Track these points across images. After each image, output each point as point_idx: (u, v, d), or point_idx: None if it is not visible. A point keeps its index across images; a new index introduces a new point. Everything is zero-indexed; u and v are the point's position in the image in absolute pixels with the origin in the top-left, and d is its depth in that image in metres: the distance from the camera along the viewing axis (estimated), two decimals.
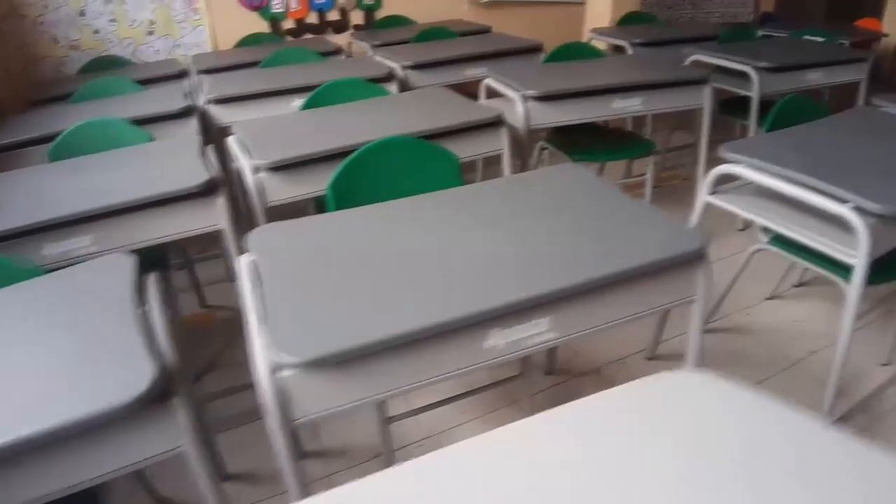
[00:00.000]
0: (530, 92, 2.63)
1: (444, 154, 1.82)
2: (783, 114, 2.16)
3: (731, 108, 3.42)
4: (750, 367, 2.31)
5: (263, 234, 1.40)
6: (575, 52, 3.31)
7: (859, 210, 1.59)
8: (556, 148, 3.02)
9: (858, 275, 1.62)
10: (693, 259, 1.27)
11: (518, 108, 2.63)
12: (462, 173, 1.81)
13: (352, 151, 1.78)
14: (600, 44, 4.04)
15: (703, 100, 2.88)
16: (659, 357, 2.37)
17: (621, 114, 2.82)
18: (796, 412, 0.76)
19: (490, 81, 2.93)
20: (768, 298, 2.71)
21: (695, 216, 2.05)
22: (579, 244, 1.30)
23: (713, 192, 2.00)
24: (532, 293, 1.13)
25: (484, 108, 2.51)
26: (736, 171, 1.87)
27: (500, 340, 1.14)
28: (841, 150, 1.89)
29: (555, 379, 2.30)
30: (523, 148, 2.65)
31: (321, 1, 4.59)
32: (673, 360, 2.35)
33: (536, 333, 1.17)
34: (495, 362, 1.15)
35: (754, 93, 3.05)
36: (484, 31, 4.36)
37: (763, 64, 3.05)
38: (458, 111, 2.36)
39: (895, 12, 6.26)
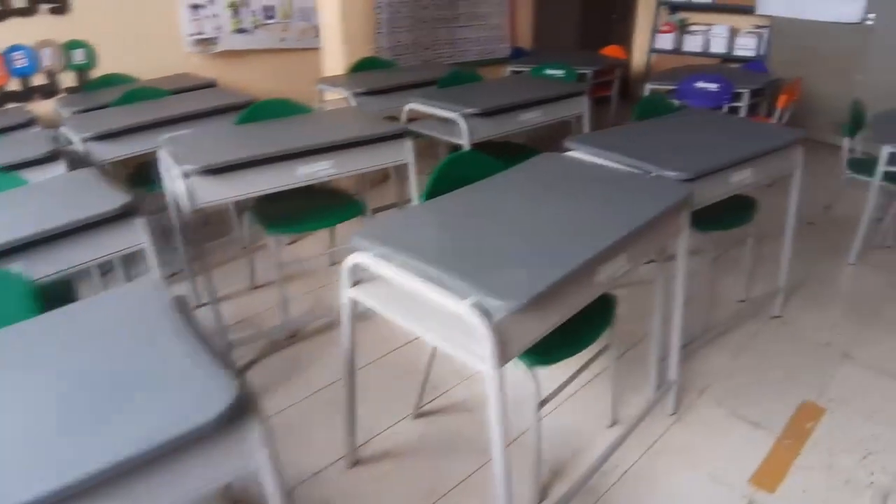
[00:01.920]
0: (191, 167, 2.19)
1: None
2: (443, 177, 1.88)
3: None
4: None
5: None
6: (274, 109, 2.91)
7: (480, 307, 1.29)
8: (256, 219, 2.60)
9: (490, 384, 1.32)
10: None
11: (178, 185, 2.18)
12: None
13: None
14: (332, 94, 3.71)
15: (405, 154, 2.59)
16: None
17: (311, 179, 2.45)
18: None
19: (162, 153, 2.46)
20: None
21: (343, 322, 1.71)
22: None
23: (356, 284, 1.65)
24: None
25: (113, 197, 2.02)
26: (364, 261, 1.53)
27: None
28: (489, 224, 1.62)
29: None
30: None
31: (22, 66, 3.87)
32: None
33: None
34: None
35: (464, 140, 2.83)
36: (207, 85, 3.88)
37: (470, 109, 2.85)
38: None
39: (640, 39, 6.66)
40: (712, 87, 4.10)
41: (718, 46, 5.91)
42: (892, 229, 3.44)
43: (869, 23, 4.89)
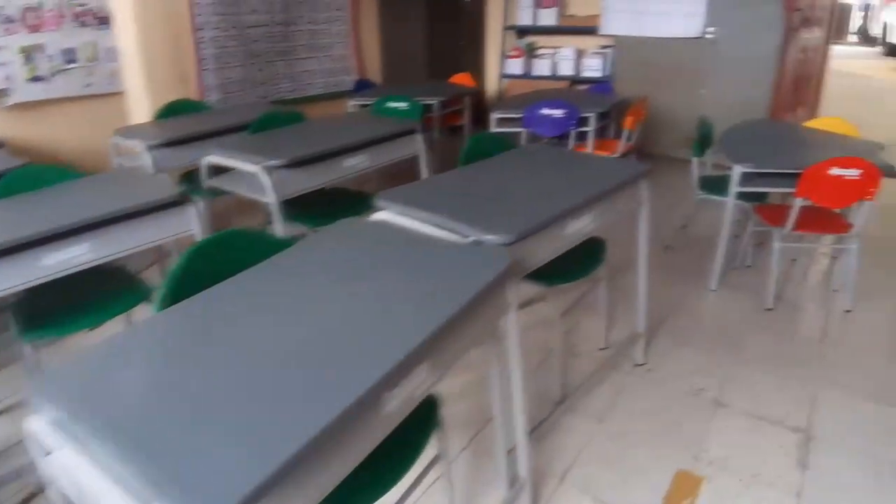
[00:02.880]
0: None
1: None
2: (190, 273, 1.40)
3: None
4: None
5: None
6: (33, 178, 2.32)
7: None
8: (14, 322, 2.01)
9: None
10: None
11: None
12: None
13: None
14: (129, 147, 3.14)
15: (191, 223, 2.10)
16: None
17: (64, 270, 1.90)
18: None
19: None
20: None
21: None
22: None
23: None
24: None
25: None
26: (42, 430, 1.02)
27: None
28: (215, 361, 1.16)
29: None
30: None
31: None
32: None
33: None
34: None
35: (270, 198, 2.37)
36: None
37: (275, 161, 2.40)
38: None
39: (491, 65, 6.51)
40: (557, 113, 3.89)
41: (566, 69, 5.83)
42: (751, 248, 3.32)
43: (709, 36, 4.92)
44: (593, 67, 5.66)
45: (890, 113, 7.92)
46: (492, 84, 6.47)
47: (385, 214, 1.78)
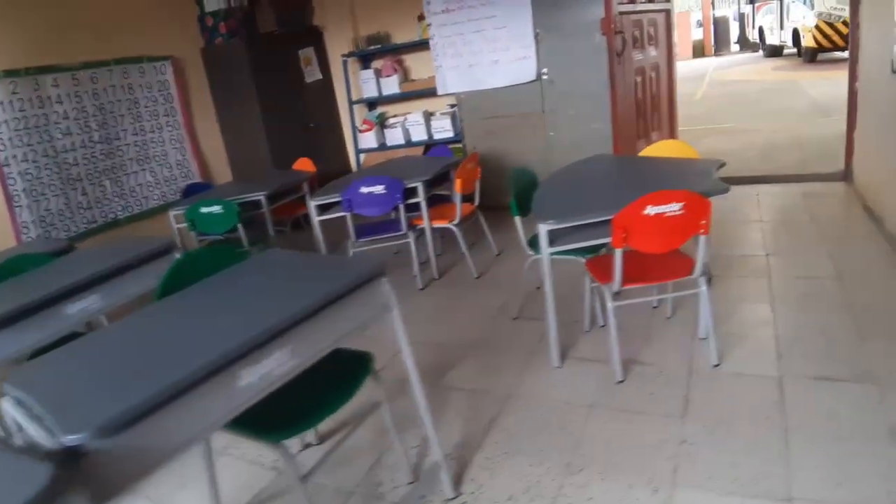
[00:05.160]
0: None
1: None
2: None
3: None
4: None
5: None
6: None
7: None
8: None
9: None
10: None
11: None
12: None
13: None
14: None
15: None
16: None
17: None
18: None
19: None
20: None
21: None
22: None
23: None
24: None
25: None
26: None
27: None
28: None
29: None
30: None
31: None
32: None
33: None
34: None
35: None
36: None
37: None
38: None
39: (349, 142, 6.14)
40: (378, 189, 3.46)
41: (419, 134, 5.48)
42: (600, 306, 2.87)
43: (545, 77, 4.63)
44: (444, 128, 5.33)
45: (767, 112, 7.86)
46: (351, 161, 6.09)
47: None
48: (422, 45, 5.18)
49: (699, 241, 2.29)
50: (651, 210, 2.19)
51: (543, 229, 2.34)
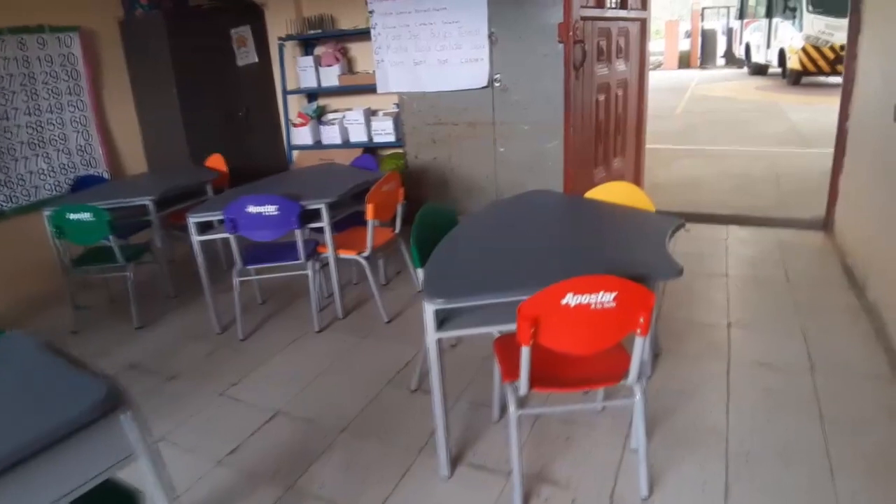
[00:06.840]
0: None
1: None
2: None
3: None
4: None
5: None
6: None
7: None
8: None
9: None
10: None
11: None
12: None
13: None
14: None
15: None
16: None
17: None
18: None
19: None
20: None
21: None
22: None
23: None
24: None
25: None
26: None
27: None
28: None
29: None
30: None
31: None
32: None
33: None
34: None
35: None
36: None
37: None
38: None
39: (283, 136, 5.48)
40: (270, 209, 2.83)
41: (358, 134, 4.84)
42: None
43: (497, 85, 4.03)
44: (385, 131, 4.70)
45: (746, 136, 7.36)
46: (281, 159, 5.43)
47: None
48: (369, 33, 4.53)
49: (635, 343, 1.71)
50: (572, 300, 1.60)
51: (430, 310, 1.74)
